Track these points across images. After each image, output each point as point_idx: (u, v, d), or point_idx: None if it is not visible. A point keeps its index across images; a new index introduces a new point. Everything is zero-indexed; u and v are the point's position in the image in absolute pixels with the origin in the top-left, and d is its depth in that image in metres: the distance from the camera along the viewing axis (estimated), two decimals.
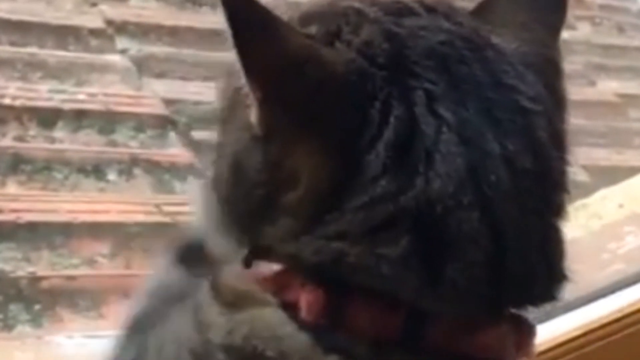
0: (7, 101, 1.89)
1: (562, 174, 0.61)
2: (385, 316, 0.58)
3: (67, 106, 1.91)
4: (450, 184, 0.57)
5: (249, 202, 0.61)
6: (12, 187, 1.74)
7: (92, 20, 2.17)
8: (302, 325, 0.59)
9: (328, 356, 0.58)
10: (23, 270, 1.58)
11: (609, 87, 2.81)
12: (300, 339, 0.59)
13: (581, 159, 2.44)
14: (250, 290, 0.62)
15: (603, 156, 2.49)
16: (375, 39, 0.60)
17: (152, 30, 2.21)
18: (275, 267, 0.61)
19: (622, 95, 2.77)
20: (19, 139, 1.84)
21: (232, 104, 0.63)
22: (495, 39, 0.62)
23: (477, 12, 0.64)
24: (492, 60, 0.60)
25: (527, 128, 0.59)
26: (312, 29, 0.60)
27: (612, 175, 1.88)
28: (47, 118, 1.87)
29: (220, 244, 0.66)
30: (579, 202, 1.41)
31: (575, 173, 2.15)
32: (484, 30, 0.62)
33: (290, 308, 0.60)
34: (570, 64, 2.89)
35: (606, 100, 2.75)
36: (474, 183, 0.57)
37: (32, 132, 1.86)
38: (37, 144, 1.83)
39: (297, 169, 0.59)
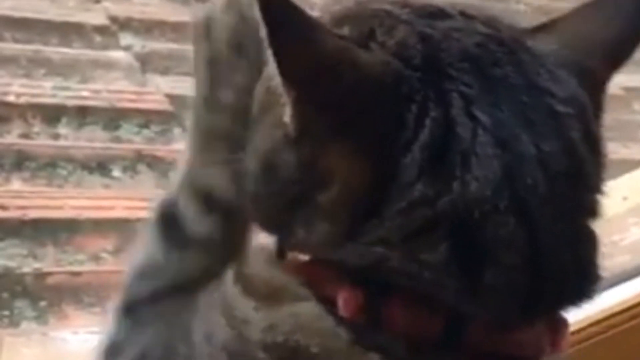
0: (11, 98, 1.90)
1: (596, 175, 0.61)
2: (425, 318, 0.58)
3: (71, 103, 1.92)
4: (487, 188, 0.56)
5: (281, 201, 0.61)
6: (16, 184, 1.74)
7: (95, 17, 2.18)
8: (341, 322, 0.59)
9: (369, 354, 0.58)
10: (28, 267, 1.58)
11: (614, 80, 2.79)
12: (341, 336, 0.59)
13: None
14: (287, 284, 0.61)
15: (610, 149, 2.48)
16: (410, 40, 0.59)
17: (155, 27, 2.22)
18: (312, 261, 0.61)
19: (628, 89, 2.77)
20: (24, 136, 1.84)
21: (265, 103, 0.63)
22: (530, 42, 0.61)
23: (541, 26, 0.64)
24: (526, 63, 0.60)
25: (560, 130, 0.59)
26: (345, 30, 0.60)
27: (618, 168, 1.88)
28: (52, 115, 1.88)
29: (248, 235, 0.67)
30: None
31: None
32: (521, 35, 0.62)
33: (327, 303, 0.59)
34: None
35: (612, 93, 2.72)
36: (510, 186, 0.57)
37: (36, 129, 1.86)
38: (41, 140, 1.84)
39: (331, 171, 0.58)
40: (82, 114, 1.90)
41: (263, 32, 0.56)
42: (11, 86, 1.93)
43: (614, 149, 2.02)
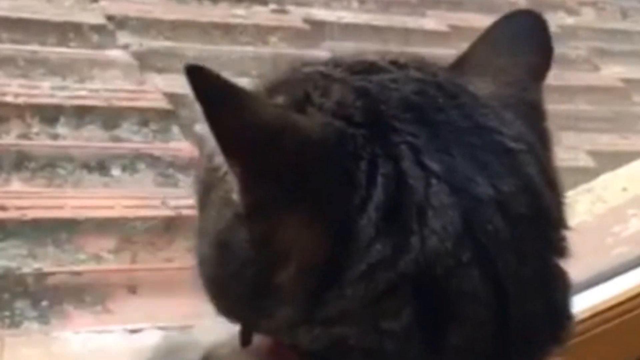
0: (9, 99, 1.90)
1: (558, 211, 0.59)
2: None
3: (69, 102, 1.91)
4: (448, 240, 0.54)
5: (239, 284, 0.59)
6: (16, 185, 1.74)
7: (92, 16, 2.17)
8: None
9: None
10: (29, 267, 1.58)
11: (613, 72, 2.80)
12: None
13: (586, 144, 2.44)
14: None
15: (608, 141, 2.48)
16: (347, 97, 0.57)
17: (153, 25, 2.21)
18: (276, 344, 0.59)
19: (627, 80, 2.77)
20: (22, 136, 1.84)
21: (209, 184, 0.61)
22: (469, 86, 0.60)
23: (457, 63, 0.63)
24: (469, 105, 0.58)
25: (515, 167, 0.57)
26: (280, 99, 0.59)
27: (617, 160, 1.88)
28: (50, 115, 1.88)
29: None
30: (583, 187, 1.41)
31: (581, 159, 2.15)
32: (457, 78, 0.60)
33: None
34: (574, 50, 2.89)
35: (611, 85, 2.74)
36: (471, 236, 0.55)
37: (35, 129, 1.86)
38: (40, 141, 1.84)
39: (287, 244, 0.56)
40: (81, 114, 1.90)
41: (198, 109, 0.55)
42: (9, 86, 1.92)
43: (613, 141, 2.03)
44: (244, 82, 0.59)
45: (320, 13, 2.53)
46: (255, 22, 2.37)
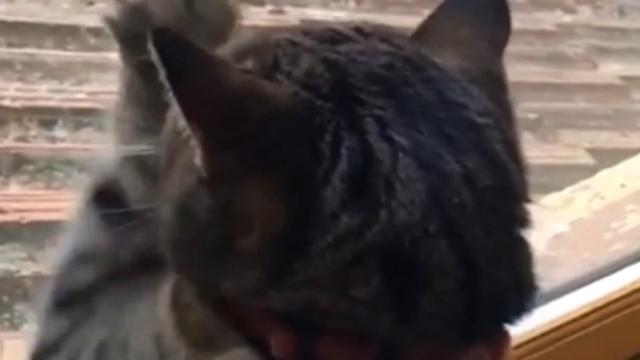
0: (7, 102, 1.90)
1: (522, 184, 0.59)
2: (357, 354, 0.57)
3: (67, 105, 1.92)
4: (416, 213, 0.54)
5: (201, 248, 0.58)
6: (14, 188, 1.74)
7: (89, 19, 2.17)
8: None
9: None
10: (28, 270, 1.58)
11: (611, 69, 2.80)
12: None
13: (585, 141, 2.45)
14: (219, 329, 0.60)
15: (607, 138, 2.49)
16: (316, 68, 0.57)
17: None
18: (242, 304, 0.59)
19: (625, 78, 2.77)
20: (20, 139, 1.84)
21: (173, 145, 0.60)
22: (436, 58, 0.59)
23: (418, 34, 0.62)
24: (437, 79, 0.58)
25: (482, 143, 0.57)
26: (249, 64, 0.58)
27: (616, 157, 1.88)
28: (48, 118, 1.88)
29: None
30: (581, 183, 1.41)
31: (580, 156, 2.14)
32: (424, 50, 0.60)
33: (259, 345, 0.58)
34: (572, 48, 2.89)
35: (609, 82, 2.75)
36: (438, 208, 0.55)
37: (33, 132, 1.86)
38: (38, 144, 1.84)
39: (249, 212, 0.56)
40: (79, 116, 1.90)
41: (160, 72, 0.54)
42: (7, 90, 1.93)
43: (612, 138, 2.03)
44: None
45: (317, 13, 2.53)
46: (253, 23, 2.37)
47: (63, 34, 2.11)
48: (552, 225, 1.28)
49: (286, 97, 0.55)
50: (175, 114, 0.57)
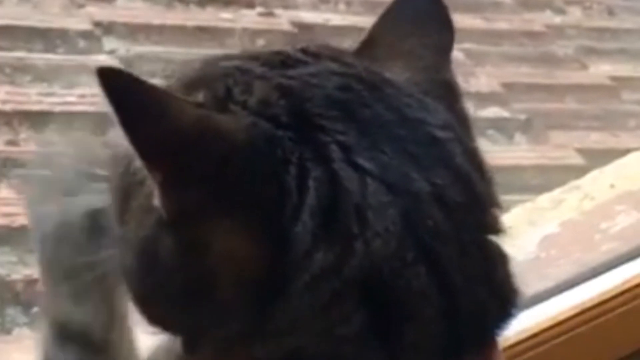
0: None
1: (488, 191, 0.58)
2: None
3: (57, 109, 1.91)
4: (391, 241, 0.53)
5: (170, 295, 0.55)
6: (4, 192, 1.74)
7: (79, 22, 2.17)
8: None
9: None
10: (19, 274, 1.58)
11: (601, 70, 2.81)
12: None
13: (576, 142, 2.45)
14: None
15: (598, 139, 2.49)
16: (271, 96, 0.55)
17: (140, 30, 2.21)
18: (226, 355, 0.56)
19: (615, 78, 2.77)
20: (11, 143, 1.84)
21: (126, 188, 0.57)
22: (387, 74, 0.58)
23: (363, 48, 0.61)
24: (392, 97, 0.57)
25: (445, 158, 0.56)
26: (200, 96, 0.55)
27: (607, 157, 1.88)
28: (38, 121, 1.88)
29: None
30: (571, 184, 1.41)
31: (570, 157, 2.14)
32: (374, 67, 0.59)
33: None
34: (562, 48, 2.89)
35: (599, 83, 2.75)
36: (412, 234, 0.54)
37: (23, 136, 1.86)
38: (29, 147, 1.83)
39: (217, 254, 0.53)
40: (69, 120, 1.89)
41: (111, 114, 0.52)
42: None
43: (602, 139, 2.03)
44: None
45: (307, 16, 2.53)
46: (243, 25, 2.37)
47: (53, 37, 2.10)
48: (542, 226, 1.29)
49: (244, 131, 0.53)
50: (127, 154, 0.54)
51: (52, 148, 0.72)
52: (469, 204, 0.56)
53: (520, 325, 1.09)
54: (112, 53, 2.11)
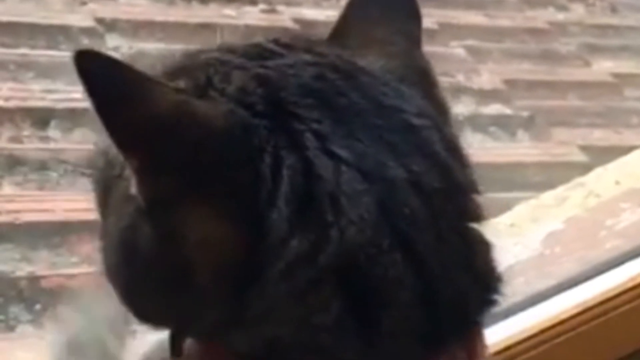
0: (0, 102, 1.90)
1: (468, 179, 0.58)
2: None
3: (60, 105, 1.91)
4: (367, 229, 0.53)
5: (152, 285, 0.55)
6: (8, 188, 1.74)
7: (82, 19, 2.17)
8: None
9: None
10: (22, 271, 1.58)
11: (604, 67, 2.81)
12: None
13: (579, 139, 2.45)
14: None
15: (601, 136, 2.49)
16: (248, 84, 0.55)
17: (142, 27, 2.21)
18: (209, 350, 0.57)
19: (618, 75, 2.77)
20: (14, 139, 1.84)
21: (107, 182, 0.57)
22: (361, 62, 0.58)
23: (334, 39, 0.61)
24: (368, 85, 0.57)
25: (422, 145, 0.56)
26: (181, 83, 0.55)
27: (610, 154, 1.88)
28: (41, 118, 1.88)
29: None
30: (575, 181, 1.41)
31: (573, 154, 2.14)
32: (347, 55, 0.59)
33: None
34: (565, 45, 2.89)
35: (602, 80, 2.75)
36: (388, 221, 0.54)
37: (26, 133, 1.86)
38: (31, 144, 1.83)
39: (195, 241, 0.53)
40: (72, 116, 1.89)
41: (87, 97, 0.51)
42: (0, 90, 1.93)
43: (605, 136, 2.03)
44: None
45: (310, 12, 2.53)
46: (245, 22, 2.37)
47: (55, 33, 2.10)
48: (546, 223, 1.28)
49: (221, 118, 0.53)
50: (105, 145, 0.54)
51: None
52: (447, 191, 0.56)
53: (523, 324, 1.09)
54: (114, 50, 2.11)
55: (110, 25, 2.19)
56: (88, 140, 1.88)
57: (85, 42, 2.11)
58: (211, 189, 0.53)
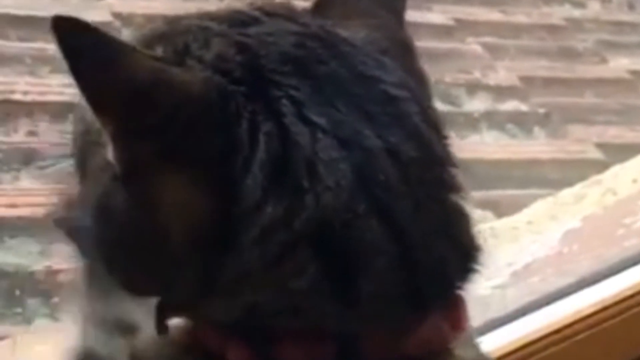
0: (17, 97, 1.90)
1: (445, 151, 0.59)
2: (316, 351, 0.55)
3: (77, 100, 1.92)
4: (342, 194, 0.54)
5: (129, 253, 0.56)
6: (26, 182, 1.75)
7: (99, 14, 2.17)
8: None
9: None
10: (40, 264, 1.58)
11: (620, 64, 2.80)
12: None
13: (595, 137, 2.44)
14: (175, 357, 0.58)
15: (617, 134, 2.48)
16: (227, 52, 0.55)
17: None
18: (192, 323, 0.57)
19: (634, 72, 2.76)
20: (31, 133, 1.85)
21: (85, 149, 0.58)
22: (343, 32, 0.59)
23: (317, 9, 0.61)
24: (348, 54, 0.57)
25: (401, 116, 0.56)
26: (159, 50, 0.56)
27: (626, 152, 1.88)
28: (59, 112, 1.88)
29: (124, 311, 0.61)
30: (593, 179, 1.41)
31: (589, 151, 2.14)
32: (330, 25, 0.59)
33: None
34: (582, 42, 2.88)
35: (618, 77, 2.74)
36: (364, 187, 0.54)
37: (43, 127, 1.86)
38: (49, 138, 1.84)
39: (169, 207, 0.54)
40: None
41: (64, 61, 0.52)
42: (17, 84, 1.93)
43: (622, 133, 2.02)
44: None
45: None
46: None
47: None
48: (564, 221, 1.28)
49: (198, 84, 0.54)
50: (83, 112, 0.55)
51: None
52: (424, 161, 0.57)
53: (541, 322, 1.09)
54: None
55: (127, 20, 2.19)
56: None
57: None
58: (186, 155, 0.54)
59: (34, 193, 1.71)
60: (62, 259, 1.60)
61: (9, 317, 1.51)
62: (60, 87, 1.94)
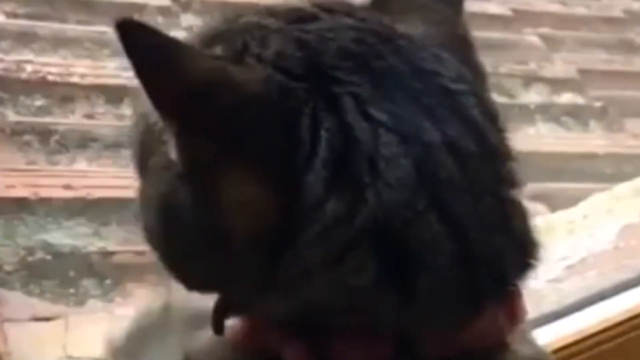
0: (75, 79, 1.92)
1: (503, 145, 0.59)
2: (374, 349, 0.55)
3: (134, 83, 1.93)
4: (404, 191, 0.54)
5: (192, 252, 0.56)
6: (82, 164, 1.76)
7: None
8: None
9: None
10: (94, 246, 1.60)
11: None
12: None
13: None
14: (229, 357, 0.59)
15: None
16: (286, 48, 0.56)
17: (217, 8, 2.22)
18: (248, 322, 0.58)
19: None
20: (88, 116, 1.86)
21: (146, 146, 0.59)
22: (402, 27, 0.59)
23: (376, 4, 0.61)
24: (407, 49, 0.57)
25: (459, 110, 0.57)
26: (218, 50, 0.57)
27: None
28: (115, 95, 1.89)
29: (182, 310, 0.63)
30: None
31: None
32: (388, 20, 0.59)
33: None
34: None
35: None
36: (424, 183, 0.54)
37: (100, 109, 1.88)
38: (105, 121, 1.85)
39: (231, 204, 0.54)
40: None
41: (129, 64, 0.53)
42: (75, 67, 1.95)
43: None
44: None
45: None
46: None
47: (131, 12, 2.12)
48: (621, 216, 1.27)
49: (259, 83, 0.54)
50: (146, 110, 0.55)
51: None
52: (483, 155, 0.57)
53: (598, 316, 1.08)
54: (188, 30, 2.12)
55: (186, 5, 2.20)
56: None
57: (160, 21, 2.13)
58: (248, 153, 0.54)
59: (89, 175, 1.72)
60: (116, 241, 1.62)
61: (63, 298, 1.52)
62: (118, 70, 1.95)
